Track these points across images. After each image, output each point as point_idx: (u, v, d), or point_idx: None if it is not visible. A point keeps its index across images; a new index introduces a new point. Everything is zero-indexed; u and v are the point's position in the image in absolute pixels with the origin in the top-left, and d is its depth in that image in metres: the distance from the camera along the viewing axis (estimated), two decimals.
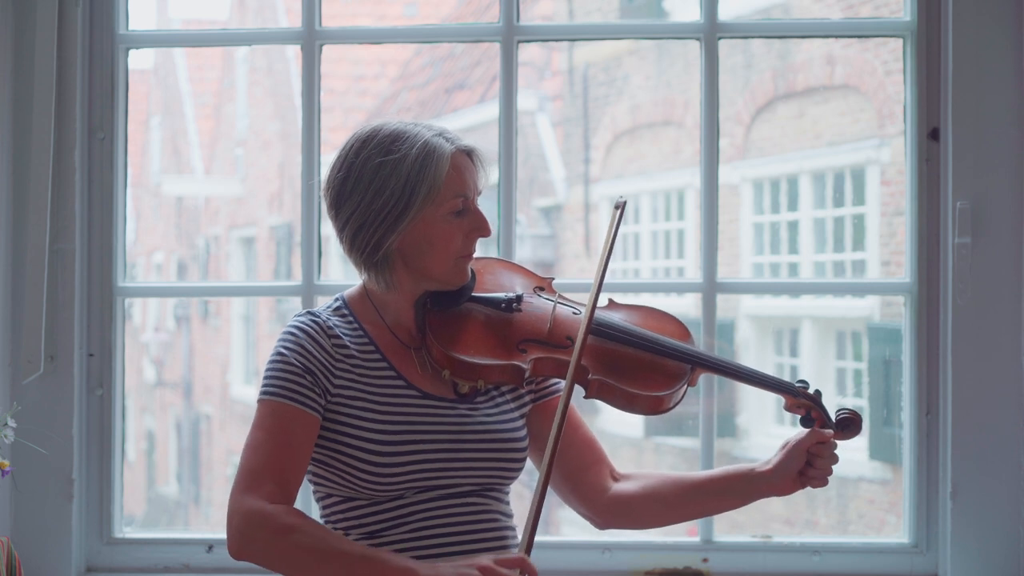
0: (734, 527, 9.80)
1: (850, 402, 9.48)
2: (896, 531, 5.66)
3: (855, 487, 9.40)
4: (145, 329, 16.06)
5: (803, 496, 9.82)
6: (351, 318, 2.01)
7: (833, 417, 2.04)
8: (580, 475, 2.10)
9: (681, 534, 3.00)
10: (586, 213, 11.77)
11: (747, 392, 9.91)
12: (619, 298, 2.14)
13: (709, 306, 2.77)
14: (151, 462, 16.22)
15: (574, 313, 2.06)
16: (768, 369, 10.31)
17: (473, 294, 2.05)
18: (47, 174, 2.73)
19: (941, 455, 2.71)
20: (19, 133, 2.76)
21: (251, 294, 9.13)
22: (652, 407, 2.01)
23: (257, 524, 1.82)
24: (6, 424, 2.50)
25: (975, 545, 2.67)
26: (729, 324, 10.25)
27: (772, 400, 9.94)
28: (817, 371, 9.76)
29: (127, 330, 2.90)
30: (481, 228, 2.00)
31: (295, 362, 1.93)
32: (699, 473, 2.11)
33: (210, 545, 2.81)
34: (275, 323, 13.82)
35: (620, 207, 2.04)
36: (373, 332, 2.01)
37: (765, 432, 10.00)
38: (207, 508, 14.96)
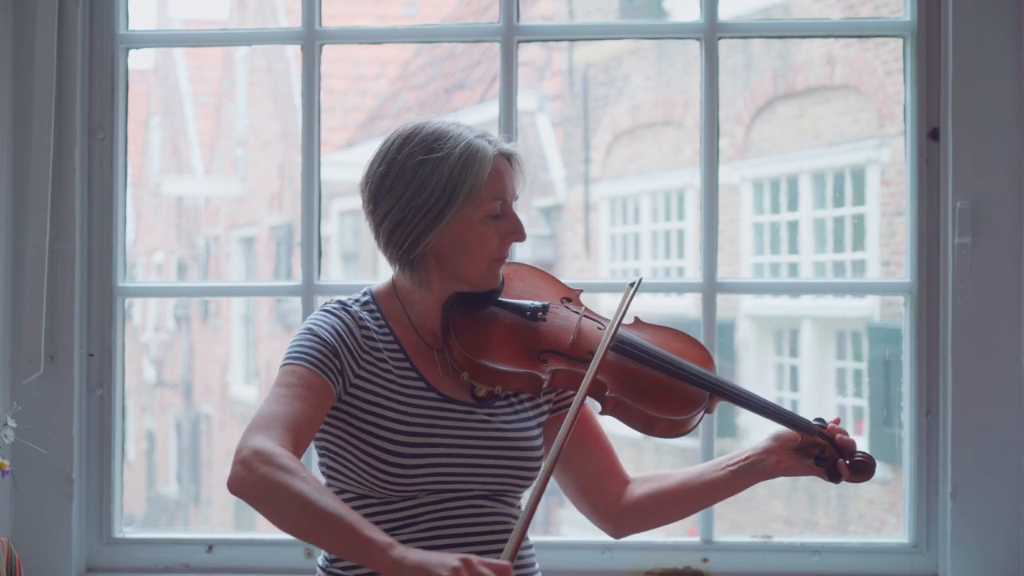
0: (734, 527, 9.80)
1: (850, 403, 9.49)
2: (896, 531, 5.66)
3: (855, 487, 9.40)
4: (145, 329, 16.06)
5: (803, 496, 9.82)
6: (378, 314, 2.01)
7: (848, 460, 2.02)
8: (596, 487, 2.10)
9: (681, 534, 3.01)
10: (586, 213, 11.77)
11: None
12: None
13: (709, 306, 2.77)
14: (151, 462, 16.22)
15: (599, 328, 2.05)
16: (768, 370, 10.34)
17: (500, 299, 2.04)
18: (47, 174, 2.73)
19: (941, 455, 2.71)
20: (19, 133, 2.76)
21: (251, 294, 9.13)
22: (666, 430, 2.00)
23: (261, 459, 1.78)
24: (6, 424, 2.50)
25: (975, 545, 2.67)
26: (729, 324, 10.25)
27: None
28: (817, 371, 9.76)
29: (127, 330, 2.90)
30: (517, 232, 1.99)
31: (324, 337, 1.93)
32: (698, 469, 2.10)
33: (210, 545, 2.81)
34: (275, 323, 13.82)
35: (635, 284, 2.04)
36: (399, 331, 2.00)
37: (765, 432, 9.98)
38: (207, 508, 14.96)
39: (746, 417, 10.16)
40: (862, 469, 2.01)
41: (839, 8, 9.43)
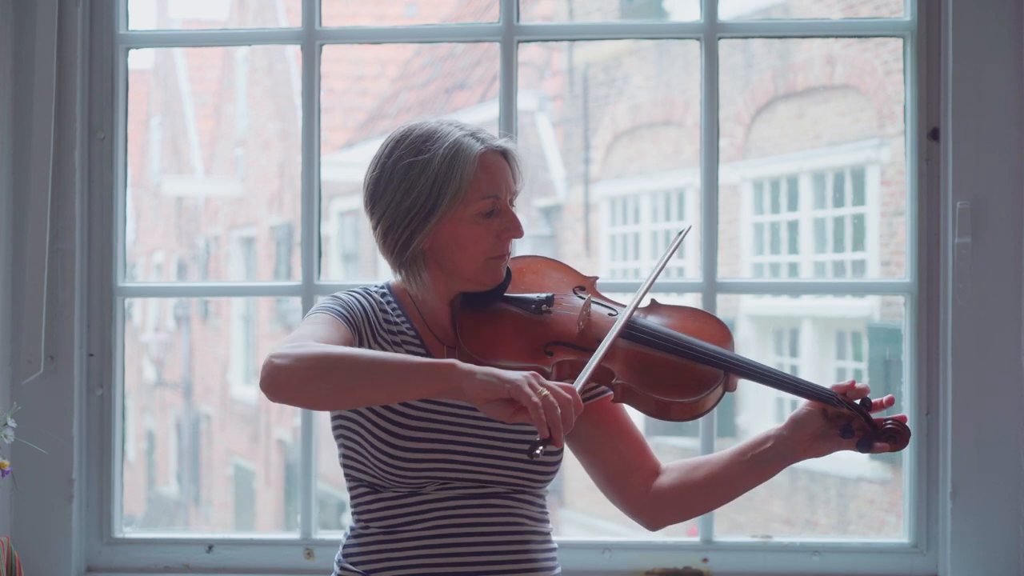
0: (734, 527, 9.79)
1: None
2: (896, 531, 5.66)
3: (855, 487, 9.40)
4: (145, 329, 16.07)
5: (803, 496, 9.82)
6: (395, 305, 2.01)
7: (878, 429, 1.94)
8: (624, 479, 2.07)
9: (681, 534, 3.00)
10: (586, 213, 11.78)
11: (747, 391, 9.91)
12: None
13: (709, 306, 2.78)
14: (151, 462, 16.23)
15: (609, 315, 2.01)
16: None
17: (506, 294, 2.02)
18: (47, 174, 2.73)
19: (941, 455, 2.71)
20: (19, 133, 2.76)
21: (251, 294, 9.13)
22: (681, 414, 1.93)
23: (293, 347, 1.77)
24: (6, 424, 2.50)
25: (975, 545, 2.67)
26: (729, 324, 10.19)
27: (772, 399, 9.94)
28: (817, 371, 9.76)
29: (127, 330, 2.90)
30: (512, 229, 1.98)
31: (347, 300, 1.95)
32: (724, 462, 2.04)
33: (210, 545, 2.81)
34: (275, 323, 13.82)
35: (683, 232, 2.03)
36: (416, 323, 2.01)
37: (766, 430, 9.98)
38: (207, 508, 14.97)
39: (746, 417, 10.15)
40: (893, 437, 1.94)
41: (839, 8, 9.44)
